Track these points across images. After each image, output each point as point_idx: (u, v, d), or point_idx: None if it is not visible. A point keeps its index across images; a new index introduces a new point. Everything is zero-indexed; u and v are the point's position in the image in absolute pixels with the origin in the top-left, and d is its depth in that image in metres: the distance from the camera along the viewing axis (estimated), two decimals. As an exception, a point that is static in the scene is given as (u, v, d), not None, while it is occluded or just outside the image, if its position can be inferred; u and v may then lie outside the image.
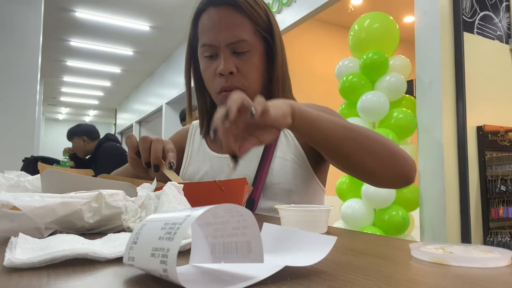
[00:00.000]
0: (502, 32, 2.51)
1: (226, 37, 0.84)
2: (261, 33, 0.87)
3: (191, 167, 0.99)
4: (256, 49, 0.87)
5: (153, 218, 0.31)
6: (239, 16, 0.85)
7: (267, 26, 0.88)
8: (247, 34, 0.85)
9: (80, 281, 0.29)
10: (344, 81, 2.51)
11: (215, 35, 0.85)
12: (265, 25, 0.88)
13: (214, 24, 0.85)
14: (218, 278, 0.30)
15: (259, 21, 0.86)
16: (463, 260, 0.34)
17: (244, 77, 0.86)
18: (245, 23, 0.85)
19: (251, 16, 0.85)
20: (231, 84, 0.85)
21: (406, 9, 4.54)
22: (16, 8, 3.72)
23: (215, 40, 0.85)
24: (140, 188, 0.55)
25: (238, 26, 0.84)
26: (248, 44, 0.85)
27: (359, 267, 0.34)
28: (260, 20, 0.87)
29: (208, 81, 0.90)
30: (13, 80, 3.69)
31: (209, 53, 0.87)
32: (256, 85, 0.88)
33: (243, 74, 0.86)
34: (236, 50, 0.85)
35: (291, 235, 0.36)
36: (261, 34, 0.87)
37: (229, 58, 0.85)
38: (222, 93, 0.86)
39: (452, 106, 2.21)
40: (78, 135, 3.35)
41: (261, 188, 0.87)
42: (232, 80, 0.85)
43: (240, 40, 0.84)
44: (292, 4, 3.63)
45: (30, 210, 0.42)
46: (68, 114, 14.00)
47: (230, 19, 0.84)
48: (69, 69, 8.38)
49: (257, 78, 0.88)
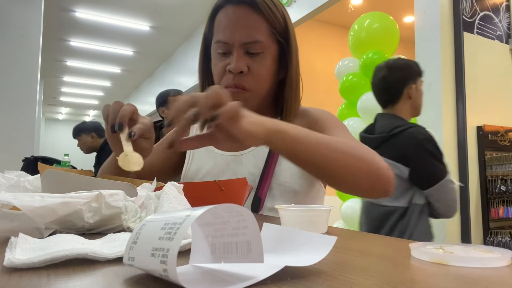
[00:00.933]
0: (502, 32, 2.51)
1: (241, 36, 0.84)
2: (276, 36, 0.87)
3: (194, 164, 0.98)
4: (269, 52, 0.86)
5: (153, 218, 0.31)
6: (256, 17, 0.84)
7: (283, 30, 0.87)
8: (262, 35, 0.84)
9: (80, 281, 0.29)
10: (344, 81, 2.51)
11: (230, 33, 0.84)
12: (281, 29, 0.87)
13: (230, 22, 0.85)
14: (218, 278, 0.30)
15: (276, 24, 0.86)
16: (463, 260, 0.34)
17: (253, 78, 0.86)
18: (262, 24, 0.84)
19: (268, 18, 0.85)
20: (238, 83, 0.85)
21: (406, 9, 4.54)
22: (16, 8, 3.72)
23: (229, 38, 0.84)
24: (140, 188, 0.55)
25: (254, 26, 0.84)
26: (262, 46, 0.85)
27: (359, 267, 0.34)
28: (276, 23, 0.86)
29: (216, 76, 0.89)
30: (13, 80, 3.69)
31: (222, 50, 0.86)
32: (263, 88, 0.88)
33: (253, 75, 0.85)
34: (250, 51, 0.85)
35: (291, 235, 0.36)
36: (276, 37, 0.87)
37: (242, 57, 0.84)
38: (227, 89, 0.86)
39: (452, 106, 2.21)
40: (86, 132, 3.36)
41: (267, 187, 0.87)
42: (241, 79, 0.85)
43: (254, 41, 0.84)
44: (292, 4, 3.63)
45: (30, 210, 0.42)
46: (68, 114, 14.00)
47: (247, 18, 0.84)
48: (69, 69, 8.38)
49: (266, 80, 0.88)
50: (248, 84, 0.86)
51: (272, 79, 0.89)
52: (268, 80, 0.88)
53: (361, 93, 2.41)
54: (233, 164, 0.92)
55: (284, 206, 0.56)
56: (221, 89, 0.55)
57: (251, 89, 0.86)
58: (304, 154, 0.66)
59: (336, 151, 0.68)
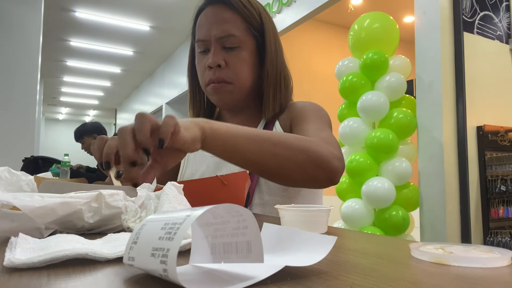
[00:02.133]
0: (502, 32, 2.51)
1: (216, 31, 0.88)
2: (253, 31, 0.90)
3: (189, 168, 1.00)
4: (246, 46, 0.90)
5: (153, 218, 0.31)
6: (231, 13, 0.88)
7: (259, 26, 0.91)
8: (237, 30, 0.88)
9: (80, 281, 0.29)
10: (344, 81, 2.51)
11: (207, 30, 0.89)
12: (257, 24, 0.91)
13: (207, 20, 0.89)
14: (218, 278, 0.30)
15: (251, 19, 0.90)
16: (463, 260, 0.34)
17: (232, 71, 0.88)
18: (236, 20, 0.89)
19: (243, 14, 0.89)
20: (218, 76, 0.88)
21: (406, 9, 4.54)
22: (16, 8, 3.72)
23: (206, 35, 0.89)
24: (140, 188, 0.55)
25: (228, 21, 0.88)
26: (237, 40, 0.88)
27: (359, 267, 0.34)
28: (252, 19, 0.90)
29: (199, 74, 0.93)
30: (13, 80, 3.69)
31: (202, 48, 0.91)
32: (245, 81, 0.90)
33: (231, 68, 0.88)
34: (226, 45, 0.88)
35: (291, 235, 0.36)
36: (253, 32, 0.90)
37: (218, 52, 0.88)
38: (210, 85, 0.89)
39: (452, 106, 2.21)
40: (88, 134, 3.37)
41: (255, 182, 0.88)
42: (220, 72, 0.88)
43: (229, 35, 0.88)
44: (292, 4, 3.63)
45: (30, 210, 0.42)
46: (68, 114, 13.99)
47: (222, 15, 0.88)
48: (69, 69, 8.38)
49: (246, 74, 0.90)
50: (227, 77, 0.88)
51: (252, 72, 0.91)
52: (248, 74, 0.90)
53: (361, 93, 2.40)
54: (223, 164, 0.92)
55: (284, 206, 0.56)
56: (141, 113, 0.54)
57: (233, 82, 0.89)
58: (236, 151, 0.64)
59: (268, 145, 0.66)
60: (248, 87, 0.92)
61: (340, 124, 2.48)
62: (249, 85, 0.92)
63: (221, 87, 0.89)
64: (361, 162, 2.30)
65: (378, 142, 2.25)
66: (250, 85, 0.92)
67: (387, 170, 2.28)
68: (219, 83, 0.88)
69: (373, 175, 2.32)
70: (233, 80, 0.89)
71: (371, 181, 2.24)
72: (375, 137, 2.27)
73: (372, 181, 2.25)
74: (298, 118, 0.89)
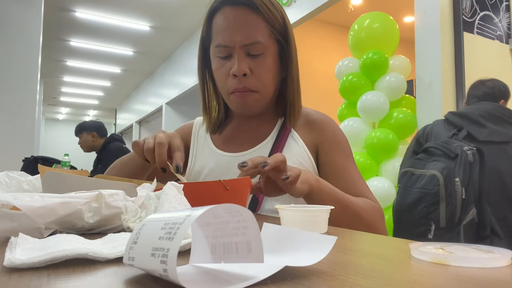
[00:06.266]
0: (502, 32, 2.51)
1: (241, 38, 0.82)
2: (276, 35, 0.86)
3: (197, 164, 0.98)
4: (270, 52, 0.86)
5: (153, 218, 0.31)
6: (255, 17, 0.83)
7: (282, 29, 0.87)
8: (262, 36, 0.84)
9: (80, 281, 0.29)
10: (344, 81, 2.51)
11: (230, 36, 0.83)
12: (280, 28, 0.86)
13: (229, 25, 0.83)
14: (218, 278, 0.30)
15: (275, 23, 0.85)
16: (463, 260, 0.34)
17: (257, 79, 0.85)
18: (261, 25, 0.84)
19: (267, 18, 0.84)
20: (244, 85, 0.84)
21: (406, 9, 4.54)
22: (16, 8, 3.72)
23: (229, 41, 0.83)
24: (140, 188, 0.55)
25: (253, 27, 0.83)
26: (262, 46, 0.84)
27: (359, 267, 0.34)
28: (275, 22, 0.85)
29: (220, 81, 0.89)
30: (13, 80, 3.69)
31: (223, 54, 0.85)
32: (269, 87, 0.88)
33: (257, 76, 0.85)
34: (251, 52, 0.84)
35: (291, 235, 0.36)
36: (276, 36, 0.86)
37: (243, 59, 0.83)
38: (235, 93, 0.86)
39: (452, 106, 2.21)
40: (87, 130, 3.38)
41: None
42: (246, 81, 0.84)
43: (255, 42, 0.83)
44: (292, 4, 3.64)
45: (30, 210, 0.42)
46: (68, 114, 13.99)
47: (246, 20, 0.83)
48: (69, 69, 8.38)
49: (270, 80, 0.87)
50: (253, 85, 0.85)
51: (275, 78, 0.89)
52: (272, 80, 0.88)
53: (361, 93, 2.40)
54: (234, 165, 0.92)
55: (284, 206, 0.56)
56: (278, 155, 0.67)
57: (258, 90, 0.86)
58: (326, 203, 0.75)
59: (348, 211, 0.78)
60: (272, 93, 0.90)
61: (340, 124, 2.48)
62: (272, 91, 0.89)
63: (247, 96, 0.86)
64: (361, 162, 2.30)
65: (378, 142, 2.25)
66: (273, 91, 0.90)
67: (387, 170, 2.28)
68: (245, 92, 0.85)
69: (373, 175, 2.32)
70: (259, 89, 0.86)
71: (371, 181, 2.24)
72: (375, 137, 2.27)
73: (372, 181, 2.25)
74: (333, 148, 0.89)
